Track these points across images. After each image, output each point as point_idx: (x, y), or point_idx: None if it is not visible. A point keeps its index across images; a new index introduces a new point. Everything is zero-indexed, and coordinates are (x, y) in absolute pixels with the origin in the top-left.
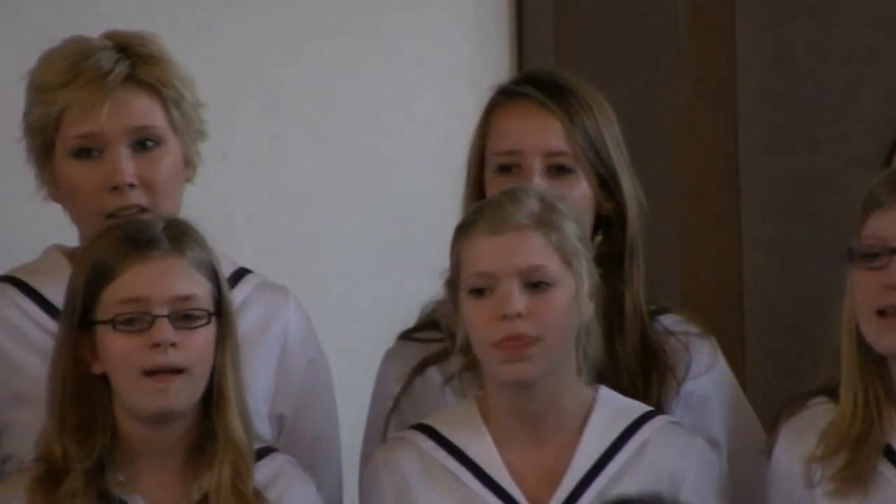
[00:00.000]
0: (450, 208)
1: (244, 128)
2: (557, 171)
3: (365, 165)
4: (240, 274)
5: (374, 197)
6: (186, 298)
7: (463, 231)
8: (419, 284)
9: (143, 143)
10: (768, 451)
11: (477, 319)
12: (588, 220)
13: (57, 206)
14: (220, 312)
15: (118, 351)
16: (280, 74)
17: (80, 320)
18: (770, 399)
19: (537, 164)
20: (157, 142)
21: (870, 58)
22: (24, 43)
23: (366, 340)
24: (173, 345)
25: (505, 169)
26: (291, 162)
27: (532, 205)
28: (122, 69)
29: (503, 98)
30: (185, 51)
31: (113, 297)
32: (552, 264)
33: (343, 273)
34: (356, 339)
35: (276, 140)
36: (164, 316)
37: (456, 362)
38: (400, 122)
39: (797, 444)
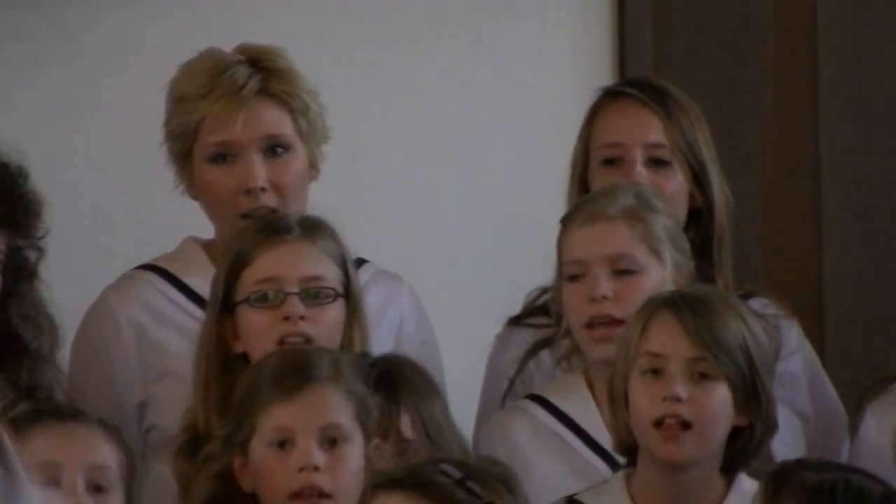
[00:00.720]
0: (549, 206)
1: (371, 130)
2: (656, 163)
3: (472, 164)
4: (358, 263)
5: (480, 195)
6: (315, 278)
7: (564, 223)
8: (520, 275)
9: (274, 149)
10: (854, 429)
11: (571, 302)
12: (683, 210)
13: (191, 203)
14: (348, 295)
15: (254, 325)
16: (399, 77)
17: (222, 306)
18: (848, 388)
19: (639, 156)
20: (286, 148)
21: None
22: (166, 51)
23: (472, 326)
24: (303, 318)
25: (609, 162)
26: (409, 161)
27: (625, 199)
28: (254, 83)
29: (607, 97)
30: (313, 57)
31: (250, 279)
32: (639, 253)
33: (452, 263)
34: (464, 324)
35: (398, 141)
36: (294, 293)
37: (565, 345)
38: (504, 123)
39: (884, 422)
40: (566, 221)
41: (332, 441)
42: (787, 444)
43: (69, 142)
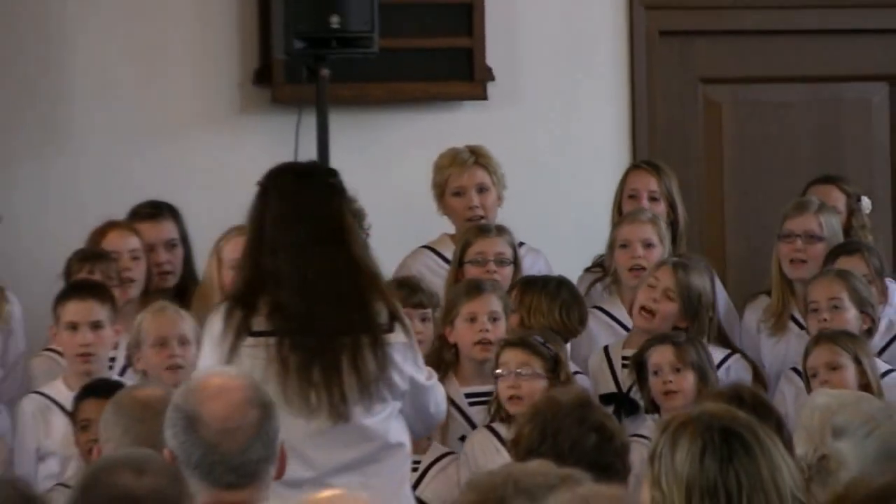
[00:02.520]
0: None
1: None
2: (652, 199)
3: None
4: (519, 244)
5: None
6: (502, 252)
7: (616, 224)
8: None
9: (481, 190)
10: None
11: (620, 260)
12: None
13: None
14: (515, 262)
15: (470, 273)
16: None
17: (458, 264)
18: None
19: (645, 196)
20: (488, 190)
21: None
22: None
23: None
24: (495, 272)
25: (631, 198)
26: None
27: (649, 214)
28: (472, 159)
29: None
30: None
31: (472, 252)
32: (654, 239)
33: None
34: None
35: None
36: (490, 260)
37: (609, 281)
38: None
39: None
40: (619, 223)
41: (496, 319)
42: None
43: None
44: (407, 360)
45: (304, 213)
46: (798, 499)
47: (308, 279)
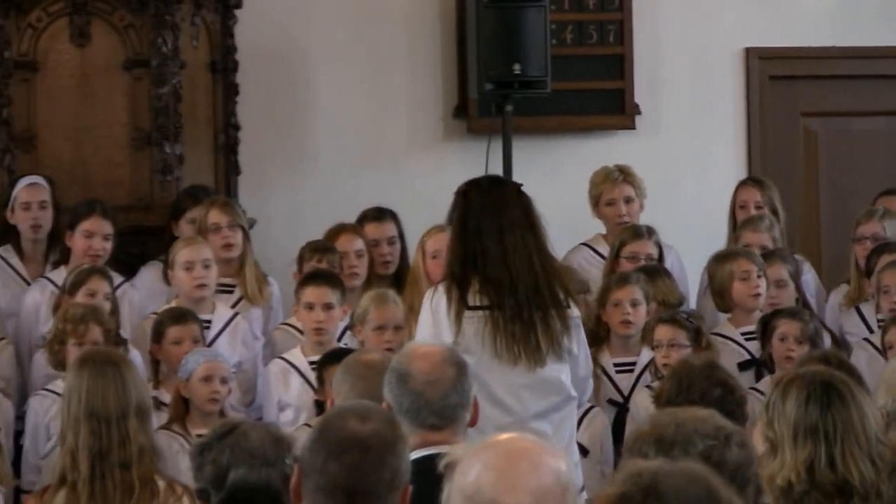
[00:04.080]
0: None
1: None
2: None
3: None
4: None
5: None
6: (651, 254)
7: None
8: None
9: (628, 201)
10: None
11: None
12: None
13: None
14: (659, 257)
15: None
16: None
17: (614, 257)
18: None
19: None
20: (633, 200)
21: None
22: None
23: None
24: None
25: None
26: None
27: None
28: (621, 176)
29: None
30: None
31: (626, 251)
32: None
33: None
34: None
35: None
36: (641, 259)
37: None
38: None
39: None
40: (741, 227)
41: (636, 304)
42: None
43: None
44: (576, 329)
45: (501, 205)
46: (880, 440)
47: (509, 255)
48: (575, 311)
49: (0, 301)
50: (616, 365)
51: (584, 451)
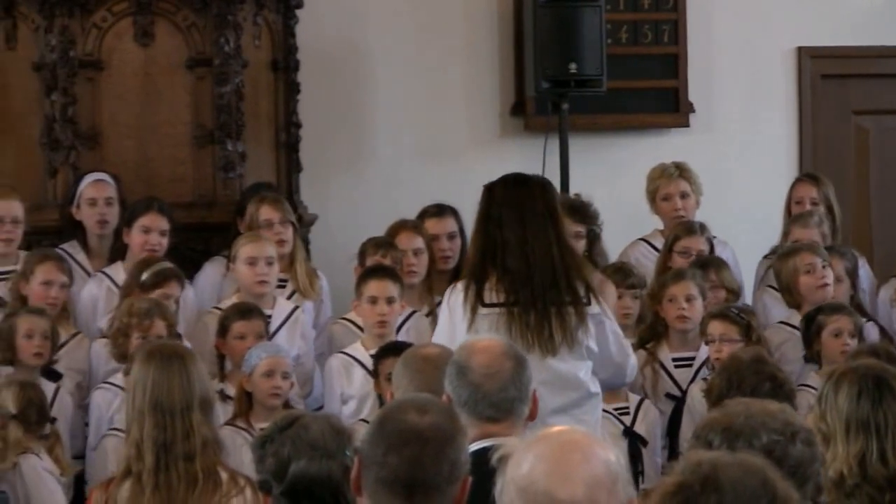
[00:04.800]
0: None
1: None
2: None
3: None
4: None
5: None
6: (703, 250)
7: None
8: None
9: (683, 196)
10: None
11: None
12: None
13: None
14: (710, 251)
15: None
16: None
17: (667, 251)
18: None
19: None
20: (689, 196)
21: None
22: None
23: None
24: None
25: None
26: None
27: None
28: (677, 172)
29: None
30: None
31: (678, 246)
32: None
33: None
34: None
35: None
36: (693, 255)
37: None
38: None
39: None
40: (791, 223)
41: (691, 299)
42: None
43: None
44: (597, 326)
45: (524, 198)
46: None
47: (528, 244)
48: (595, 308)
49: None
50: (675, 360)
51: (642, 442)
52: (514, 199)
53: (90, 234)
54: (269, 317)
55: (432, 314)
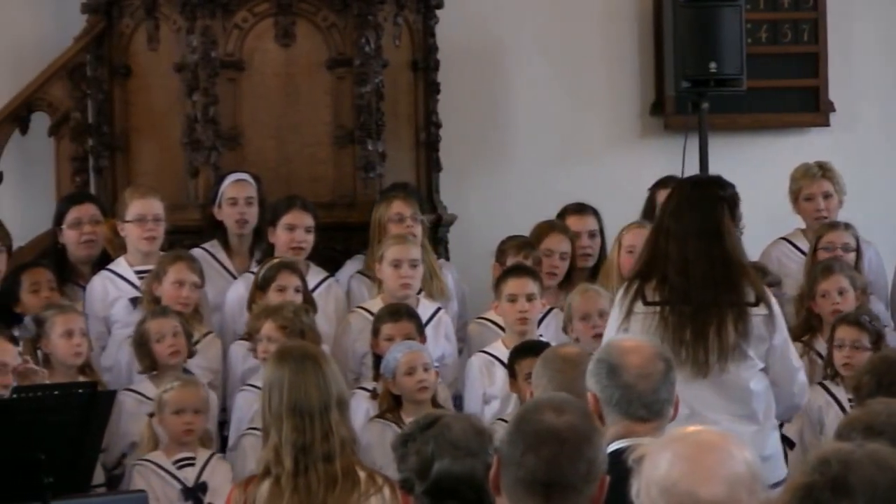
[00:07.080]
0: None
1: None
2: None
3: None
4: None
5: None
6: (848, 242)
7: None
8: None
9: (826, 196)
10: None
11: None
12: None
13: None
14: (857, 251)
15: None
16: None
17: (813, 251)
18: None
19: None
20: (832, 196)
21: None
22: None
23: None
24: None
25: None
26: None
27: None
28: (820, 172)
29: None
30: None
31: (822, 242)
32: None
33: None
34: None
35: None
36: (837, 248)
37: None
38: None
39: None
40: None
41: (843, 292)
42: None
43: None
44: (768, 327)
45: (692, 213)
46: None
47: (688, 261)
48: (763, 310)
49: (207, 295)
50: None
51: (790, 444)
52: (684, 209)
53: (230, 234)
54: None
55: None
